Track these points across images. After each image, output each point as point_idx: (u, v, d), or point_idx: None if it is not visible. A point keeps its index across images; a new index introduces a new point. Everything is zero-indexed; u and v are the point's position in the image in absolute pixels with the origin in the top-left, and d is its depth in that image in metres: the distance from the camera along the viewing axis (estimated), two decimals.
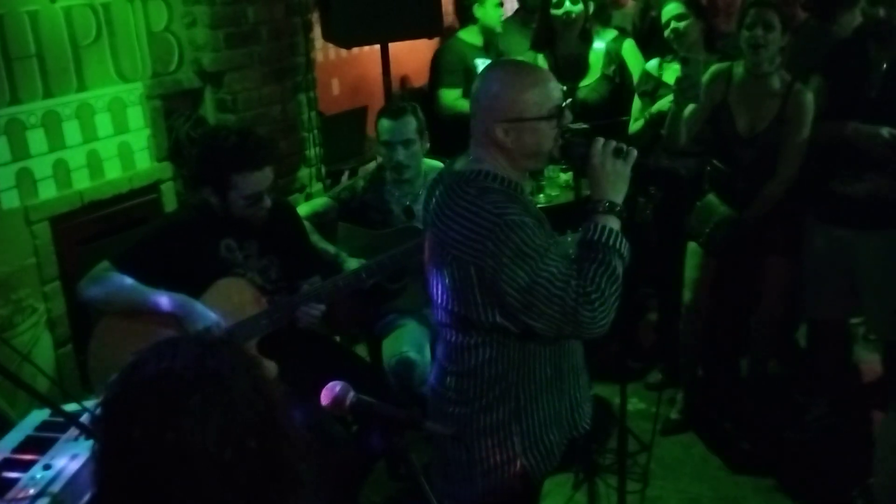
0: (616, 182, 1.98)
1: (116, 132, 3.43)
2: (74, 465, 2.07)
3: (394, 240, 3.08)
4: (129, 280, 2.61)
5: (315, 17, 4.25)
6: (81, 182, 3.30)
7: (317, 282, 2.87)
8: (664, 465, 3.48)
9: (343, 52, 6.14)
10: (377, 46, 4.09)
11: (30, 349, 3.09)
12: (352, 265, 3.11)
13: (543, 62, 3.95)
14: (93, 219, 3.34)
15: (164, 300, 2.60)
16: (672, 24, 3.59)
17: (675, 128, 3.33)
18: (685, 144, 3.40)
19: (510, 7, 6.28)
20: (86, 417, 2.10)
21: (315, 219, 3.37)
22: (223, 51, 3.74)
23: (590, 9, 4.07)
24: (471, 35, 4.51)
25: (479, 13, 4.38)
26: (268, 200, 2.71)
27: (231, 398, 1.19)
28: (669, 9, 3.62)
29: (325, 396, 1.64)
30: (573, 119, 3.74)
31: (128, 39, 3.44)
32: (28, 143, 3.09)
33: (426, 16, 3.89)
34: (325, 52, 6.06)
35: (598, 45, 3.97)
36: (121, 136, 3.45)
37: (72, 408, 2.19)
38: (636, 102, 3.81)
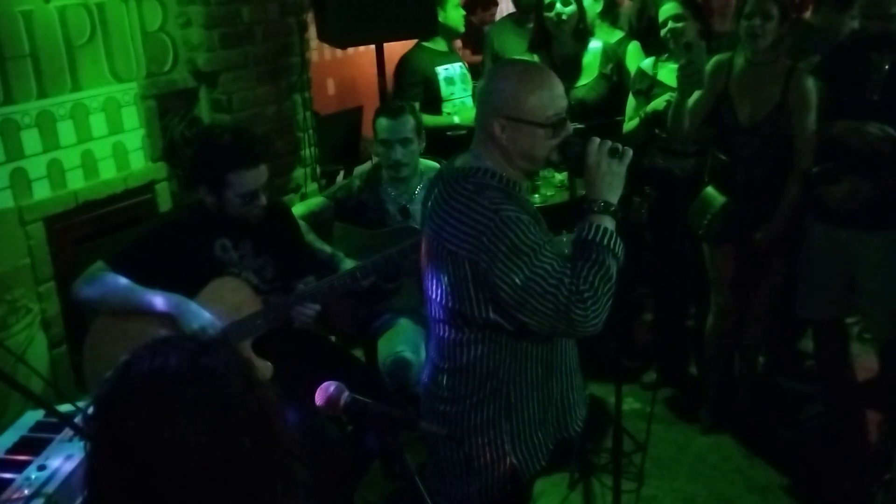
0: (611, 182, 1.98)
1: (111, 132, 3.43)
2: (69, 466, 2.07)
3: (389, 239, 3.08)
4: (124, 280, 2.61)
5: (310, 18, 4.25)
6: (76, 182, 3.29)
7: (311, 282, 2.87)
8: (659, 465, 3.49)
9: (338, 53, 6.15)
10: (372, 46, 4.08)
11: (24, 350, 3.08)
12: (347, 265, 3.11)
13: (542, 62, 3.95)
14: (87, 219, 3.33)
15: (159, 300, 2.60)
16: (669, 24, 3.60)
17: (679, 118, 3.33)
18: (688, 136, 3.41)
19: (506, 7, 6.30)
20: (80, 418, 2.09)
21: (311, 218, 3.37)
22: (218, 51, 3.73)
23: (597, 8, 4.07)
24: (434, 41, 4.49)
25: (441, 17, 4.30)
26: (263, 198, 2.72)
27: (225, 397, 1.20)
28: (666, 9, 3.62)
29: (320, 396, 1.64)
30: (570, 118, 3.78)
31: (122, 39, 3.43)
32: (22, 144, 3.09)
33: (421, 16, 3.88)
34: (321, 53, 6.08)
35: (595, 45, 3.97)
36: (115, 137, 3.45)
37: (66, 408, 2.18)
38: (631, 101, 3.81)
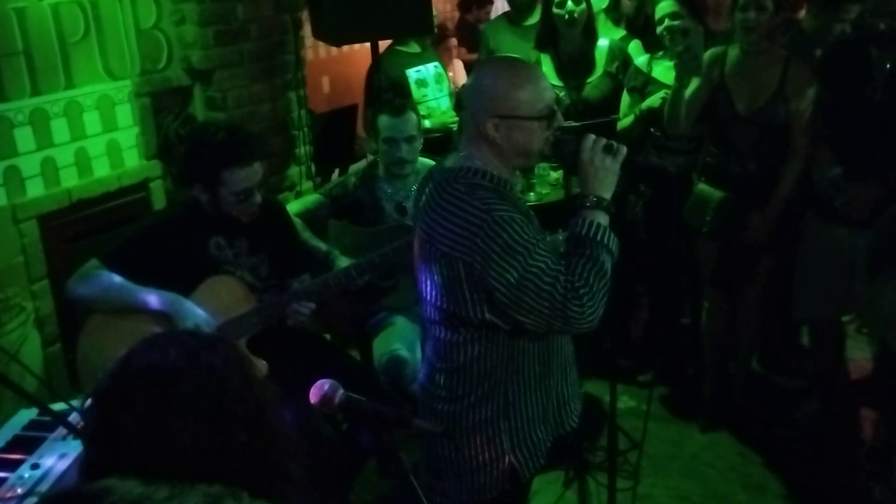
0: (605, 178, 1.99)
1: (105, 130, 3.41)
2: (62, 465, 2.06)
3: (385, 237, 3.08)
4: (119, 278, 2.60)
5: (305, 15, 4.24)
6: (70, 180, 3.28)
7: (307, 280, 2.87)
8: (654, 463, 3.48)
9: (333, 50, 6.15)
10: (367, 44, 4.07)
11: (17, 348, 3.07)
12: (342, 263, 3.10)
13: (548, 62, 3.95)
14: (81, 217, 3.32)
15: (154, 298, 2.59)
16: (666, 22, 3.60)
17: (676, 110, 3.32)
18: (683, 130, 3.40)
19: (501, 6, 6.30)
20: (74, 417, 2.09)
21: (306, 216, 3.36)
22: (212, 48, 3.72)
23: (602, 4, 4.07)
24: (406, 43, 4.41)
25: None
26: (258, 196, 2.71)
27: (223, 392, 1.20)
28: (663, 6, 3.62)
29: (314, 394, 1.64)
30: (574, 116, 3.79)
31: (116, 37, 3.42)
32: (16, 141, 3.08)
33: (416, 14, 3.87)
34: (316, 50, 6.07)
35: (602, 43, 3.97)
36: (109, 134, 3.44)
37: (60, 407, 2.18)
38: (625, 98, 3.81)
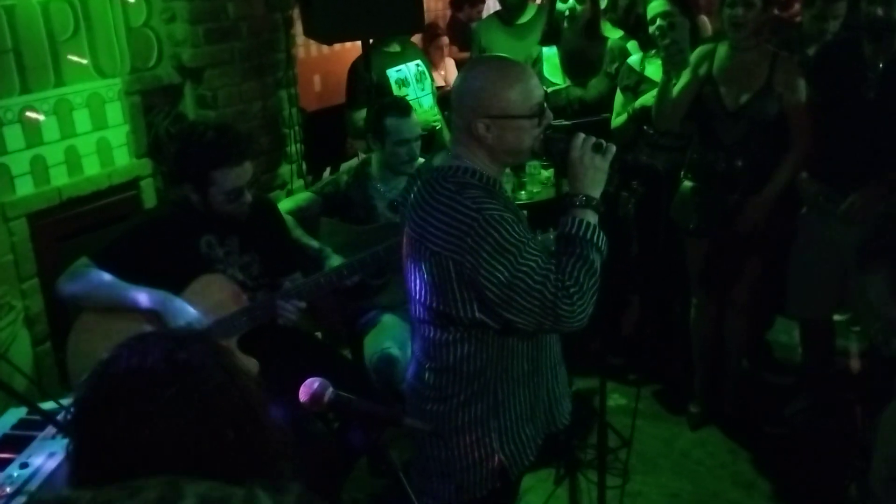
0: (594, 177, 1.99)
1: (95, 128, 3.40)
2: (51, 464, 2.06)
3: (377, 236, 3.08)
4: (109, 276, 2.60)
5: (296, 14, 4.23)
6: (59, 179, 3.27)
7: (298, 279, 2.86)
8: (645, 460, 3.50)
9: (324, 49, 6.14)
10: (358, 43, 4.07)
11: (7, 347, 3.06)
12: (335, 260, 3.11)
13: (552, 59, 3.95)
14: (71, 216, 3.31)
15: (144, 296, 2.59)
16: (658, 21, 3.61)
17: (663, 105, 3.33)
18: (672, 126, 3.41)
19: (493, 5, 6.30)
20: (63, 415, 2.08)
21: (298, 213, 3.36)
22: (203, 46, 3.71)
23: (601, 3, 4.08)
24: (387, 43, 4.36)
25: None
26: (248, 195, 2.70)
27: (205, 390, 1.19)
28: (655, 5, 3.63)
29: (304, 393, 1.64)
30: (570, 115, 3.79)
31: (106, 35, 3.41)
32: (5, 140, 3.06)
33: (407, 11, 3.88)
34: (307, 49, 6.06)
35: None
36: (99, 133, 3.43)
37: (49, 406, 2.17)
38: (618, 97, 3.82)
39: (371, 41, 4.03)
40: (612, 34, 4.08)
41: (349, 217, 3.39)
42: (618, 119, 3.81)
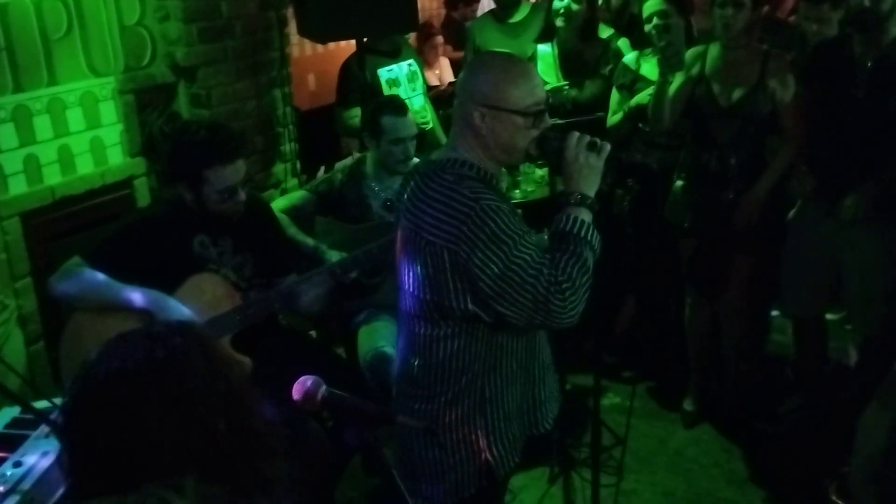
0: (589, 175, 1.99)
1: (88, 127, 3.40)
2: (45, 463, 2.05)
3: (371, 234, 3.08)
4: (102, 275, 2.59)
5: (290, 12, 4.23)
6: (53, 177, 3.26)
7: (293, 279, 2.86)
8: (639, 459, 3.50)
9: (319, 48, 6.13)
10: (353, 42, 4.07)
11: (0, 346, 3.05)
12: (332, 256, 3.11)
13: (548, 58, 3.95)
14: (64, 215, 3.30)
15: (137, 296, 2.58)
16: (654, 20, 3.61)
17: (660, 105, 3.34)
18: (667, 126, 3.42)
19: (487, 3, 6.29)
20: (56, 415, 2.07)
21: (293, 212, 3.36)
22: (196, 45, 3.71)
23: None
24: (381, 42, 4.35)
25: None
26: (242, 194, 2.70)
27: (189, 384, 1.18)
28: (650, 4, 3.64)
29: (297, 391, 1.64)
30: (563, 115, 3.79)
31: (100, 33, 3.40)
32: None
33: (401, 11, 3.87)
34: (301, 48, 6.05)
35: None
36: (93, 131, 3.42)
37: (42, 405, 2.16)
38: (614, 95, 3.83)
39: (365, 40, 4.03)
40: (602, 33, 4.08)
41: (343, 216, 3.39)
42: (613, 117, 3.82)
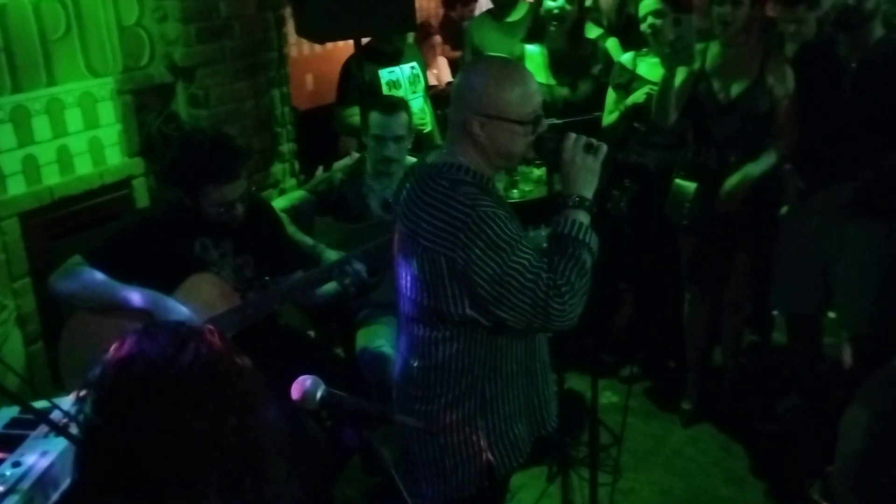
0: (586, 177, 2.00)
1: (87, 127, 3.40)
2: (44, 462, 2.06)
3: (370, 234, 3.08)
4: (101, 275, 2.59)
5: (288, 12, 4.23)
6: (51, 178, 3.26)
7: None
8: (636, 458, 3.51)
9: (317, 48, 6.14)
10: (351, 41, 4.07)
11: None
12: (330, 255, 3.11)
13: (536, 58, 3.96)
14: (63, 215, 3.30)
15: (136, 296, 2.58)
16: (650, 20, 3.62)
17: (665, 101, 3.33)
18: (668, 124, 3.42)
19: (485, 3, 6.30)
20: (56, 414, 2.08)
21: (292, 212, 3.36)
22: (195, 45, 3.71)
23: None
24: (384, 43, 4.34)
25: None
26: (240, 207, 2.70)
27: (216, 380, 1.24)
28: (647, 3, 3.64)
29: (296, 390, 1.64)
30: (554, 114, 3.79)
31: (98, 34, 3.40)
32: None
33: (399, 10, 3.87)
34: (299, 48, 6.05)
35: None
36: (91, 132, 3.42)
37: (41, 405, 2.17)
38: (610, 95, 3.83)
39: (368, 40, 4.03)
40: (591, 33, 4.09)
41: (342, 215, 3.40)
42: (609, 117, 3.82)
